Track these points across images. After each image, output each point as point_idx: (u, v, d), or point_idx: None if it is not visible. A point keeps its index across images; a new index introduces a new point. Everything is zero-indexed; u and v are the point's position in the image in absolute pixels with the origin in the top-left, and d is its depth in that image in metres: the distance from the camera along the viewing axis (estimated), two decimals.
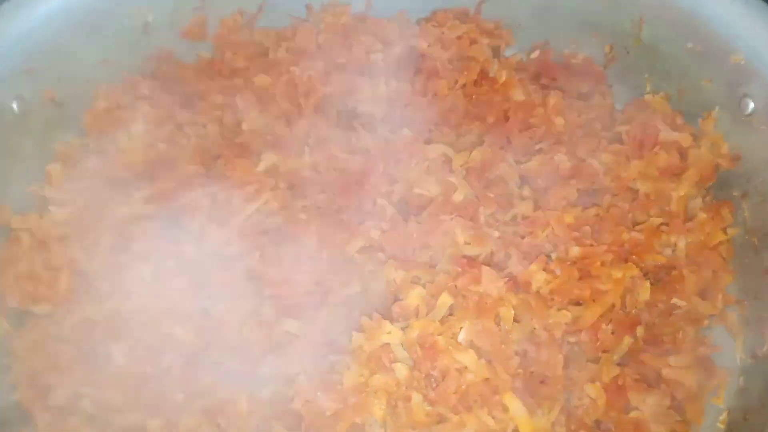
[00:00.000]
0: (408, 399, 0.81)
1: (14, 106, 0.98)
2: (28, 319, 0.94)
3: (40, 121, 1.01)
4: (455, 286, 0.88)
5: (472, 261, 0.90)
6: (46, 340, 0.91)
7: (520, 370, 0.84)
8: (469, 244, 0.92)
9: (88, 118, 1.06)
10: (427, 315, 0.86)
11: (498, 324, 0.85)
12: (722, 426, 0.91)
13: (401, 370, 0.82)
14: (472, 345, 0.84)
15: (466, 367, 0.82)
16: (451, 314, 0.86)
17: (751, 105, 0.94)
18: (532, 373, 0.85)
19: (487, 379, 0.82)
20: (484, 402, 0.81)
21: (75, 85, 1.04)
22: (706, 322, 0.94)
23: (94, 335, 0.91)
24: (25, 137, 1.00)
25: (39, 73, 1.00)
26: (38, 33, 0.99)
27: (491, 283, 0.86)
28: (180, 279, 0.94)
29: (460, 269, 0.89)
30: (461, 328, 0.84)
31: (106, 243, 0.96)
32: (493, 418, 0.81)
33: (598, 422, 0.86)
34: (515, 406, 0.81)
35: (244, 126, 1.06)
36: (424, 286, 0.88)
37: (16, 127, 0.98)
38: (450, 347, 0.82)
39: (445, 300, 0.86)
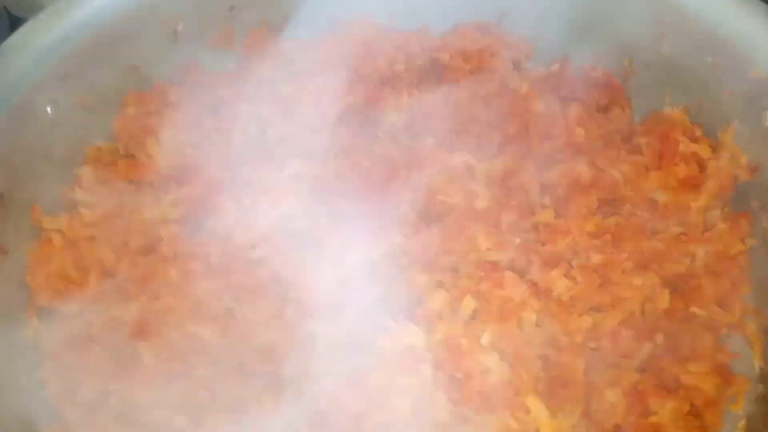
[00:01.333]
0: (432, 399, 0.83)
1: (48, 110, 1.00)
2: (57, 318, 0.96)
3: (72, 126, 1.04)
4: (478, 290, 0.89)
5: (494, 266, 0.91)
6: (75, 339, 0.93)
7: (541, 374, 0.86)
8: (491, 250, 0.94)
9: (118, 123, 1.09)
10: (450, 318, 0.87)
11: (520, 328, 0.87)
12: None
13: (425, 371, 0.84)
14: (495, 348, 0.85)
15: (489, 369, 0.83)
16: (473, 318, 0.88)
17: None
18: (553, 376, 0.86)
19: (509, 382, 0.83)
20: (506, 403, 0.82)
21: (106, 92, 1.07)
22: (724, 331, 0.95)
23: (121, 334, 0.93)
24: (57, 141, 1.02)
25: (72, 79, 1.02)
26: (72, 40, 1.02)
27: (514, 288, 0.88)
28: (206, 281, 0.95)
29: (483, 274, 0.90)
30: (484, 331, 0.85)
31: (134, 245, 0.98)
32: (516, 419, 0.82)
33: (617, 426, 0.87)
34: (537, 408, 0.82)
35: (269, 134, 1.08)
36: (447, 290, 0.90)
37: (50, 130, 1.01)
38: (473, 349, 0.84)
39: (469, 303, 0.87)
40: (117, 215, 1.01)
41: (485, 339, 0.85)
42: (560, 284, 0.91)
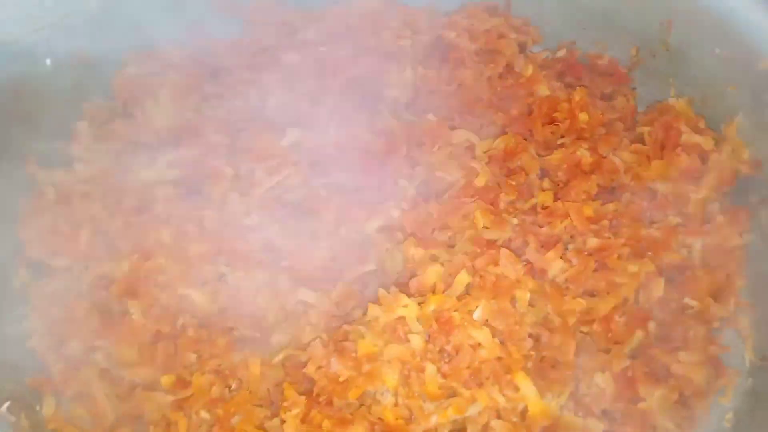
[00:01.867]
0: (421, 370, 0.82)
1: (47, 61, 0.99)
2: (47, 271, 0.95)
3: (71, 80, 1.03)
4: (473, 266, 0.88)
5: (490, 244, 0.91)
6: (63, 293, 0.92)
7: (532, 353, 0.85)
8: (488, 228, 0.93)
9: (118, 81, 1.07)
10: (444, 292, 0.87)
11: (513, 305, 0.86)
12: (728, 425, 0.91)
13: (416, 341, 0.83)
14: (487, 323, 0.84)
15: (479, 344, 0.83)
16: (467, 293, 0.87)
17: None
18: (543, 356, 0.86)
19: (500, 358, 0.83)
20: (495, 380, 0.82)
21: (107, 48, 1.05)
22: (716, 324, 0.95)
23: (110, 292, 0.92)
24: (55, 94, 1.01)
25: (74, 33, 1.01)
26: None
27: (509, 265, 0.87)
28: (199, 244, 0.94)
29: (479, 250, 0.89)
30: (477, 306, 0.85)
31: (127, 203, 0.97)
32: (504, 396, 0.81)
33: (605, 411, 0.87)
34: (526, 386, 0.82)
35: (270, 102, 1.07)
36: (442, 264, 0.89)
37: (48, 82, 1.00)
38: (465, 323, 0.83)
39: (463, 278, 0.87)
40: (112, 173, 0.99)
41: (478, 314, 0.84)
42: (555, 266, 0.90)
